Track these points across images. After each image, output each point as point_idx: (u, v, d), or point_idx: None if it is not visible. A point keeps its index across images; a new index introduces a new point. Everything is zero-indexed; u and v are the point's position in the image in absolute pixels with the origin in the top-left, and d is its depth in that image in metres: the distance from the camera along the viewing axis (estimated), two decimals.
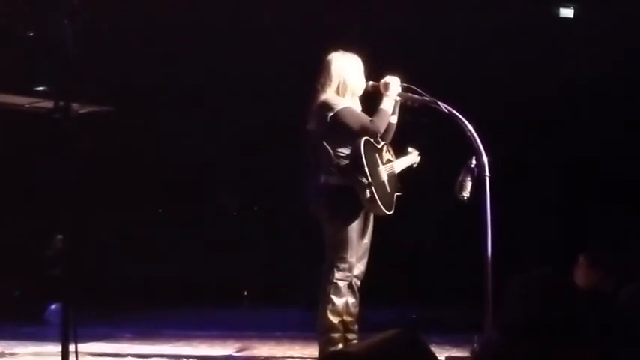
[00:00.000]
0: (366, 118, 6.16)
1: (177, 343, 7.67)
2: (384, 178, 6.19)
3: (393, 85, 6.20)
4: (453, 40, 9.62)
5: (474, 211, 5.66)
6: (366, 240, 6.29)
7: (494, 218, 5.59)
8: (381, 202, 6.04)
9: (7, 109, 6.84)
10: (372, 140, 6.15)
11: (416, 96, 6.15)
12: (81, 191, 5.03)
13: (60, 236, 8.52)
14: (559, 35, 9.77)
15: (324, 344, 6.10)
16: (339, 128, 6.09)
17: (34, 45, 8.92)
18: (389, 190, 6.21)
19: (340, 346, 5.98)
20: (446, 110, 5.87)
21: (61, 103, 4.80)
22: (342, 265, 6.13)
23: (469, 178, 5.72)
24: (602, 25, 9.53)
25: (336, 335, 6.10)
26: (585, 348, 3.47)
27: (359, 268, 6.27)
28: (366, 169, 5.97)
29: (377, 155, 6.20)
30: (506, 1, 9.35)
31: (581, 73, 9.74)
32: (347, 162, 6.08)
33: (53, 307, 8.84)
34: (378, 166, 6.17)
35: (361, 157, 5.98)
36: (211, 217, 11.05)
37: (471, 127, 5.75)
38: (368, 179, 5.97)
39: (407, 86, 6.19)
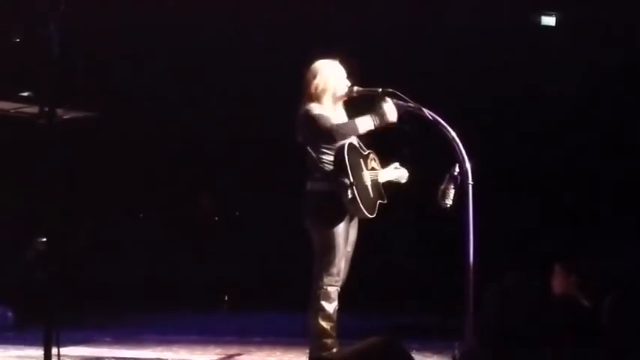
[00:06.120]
0: (330, 121, 6.10)
1: (157, 348, 7.65)
2: (368, 182, 6.18)
3: (389, 114, 6.14)
4: (436, 47, 9.63)
5: (457, 217, 5.68)
6: (349, 248, 6.29)
7: (477, 225, 5.61)
8: (362, 203, 6.03)
9: None
10: (357, 145, 6.16)
11: (400, 102, 6.13)
12: (61, 195, 5.01)
13: (41, 239, 8.50)
14: (541, 43, 9.79)
15: (317, 350, 6.08)
16: (309, 131, 6.12)
17: (20, 50, 8.86)
18: (372, 195, 6.20)
19: (334, 351, 5.98)
20: (430, 117, 5.87)
21: (46, 108, 4.80)
22: (331, 270, 6.12)
23: (452, 186, 5.73)
24: (584, 33, 9.56)
25: (329, 341, 6.09)
26: (560, 355, 3.50)
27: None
28: (349, 169, 5.97)
29: (361, 160, 6.19)
30: (490, 9, 9.36)
31: (561, 81, 9.76)
32: (331, 167, 6.09)
33: None
34: (362, 170, 6.16)
35: (344, 159, 5.99)
36: (193, 221, 11.02)
37: (454, 134, 5.76)
38: (350, 179, 5.97)
39: (392, 92, 6.16)
